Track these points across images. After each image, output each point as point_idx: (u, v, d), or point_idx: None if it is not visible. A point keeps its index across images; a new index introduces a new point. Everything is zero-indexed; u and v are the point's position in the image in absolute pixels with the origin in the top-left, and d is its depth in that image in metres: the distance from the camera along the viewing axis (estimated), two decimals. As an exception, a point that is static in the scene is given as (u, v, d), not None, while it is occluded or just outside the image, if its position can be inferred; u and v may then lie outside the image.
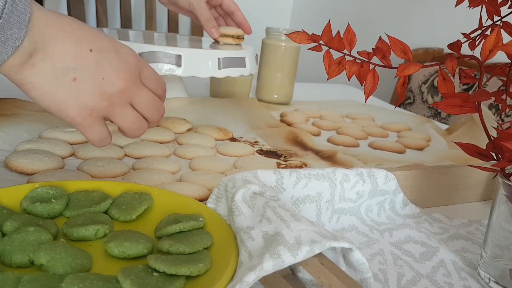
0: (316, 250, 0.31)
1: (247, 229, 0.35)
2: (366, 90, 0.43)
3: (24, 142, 0.56)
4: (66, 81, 0.39)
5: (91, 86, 0.41)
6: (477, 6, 0.45)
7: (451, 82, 0.42)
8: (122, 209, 0.40)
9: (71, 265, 0.32)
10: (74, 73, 0.40)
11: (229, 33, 0.86)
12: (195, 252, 0.35)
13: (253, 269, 0.30)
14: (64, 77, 0.39)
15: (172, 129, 0.71)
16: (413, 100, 1.66)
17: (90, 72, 0.41)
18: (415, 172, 0.52)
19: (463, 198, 0.58)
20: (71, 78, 0.40)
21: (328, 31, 0.43)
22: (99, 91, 0.41)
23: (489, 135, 0.40)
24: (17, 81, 0.39)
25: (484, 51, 0.39)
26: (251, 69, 0.82)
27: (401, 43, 0.42)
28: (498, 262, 0.40)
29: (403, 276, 0.40)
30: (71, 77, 0.40)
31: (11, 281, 0.29)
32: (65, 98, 0.40)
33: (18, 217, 0.36)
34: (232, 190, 0.38)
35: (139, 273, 0.31)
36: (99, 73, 0.41)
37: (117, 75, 0.42)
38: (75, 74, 0.40)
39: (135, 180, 0.50)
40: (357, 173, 0.47)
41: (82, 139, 0.61)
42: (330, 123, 0.88)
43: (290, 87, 1.00)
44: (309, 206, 0.44)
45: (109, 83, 0.42)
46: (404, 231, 0.48)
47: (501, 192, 0.39)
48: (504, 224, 0.39)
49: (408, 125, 0.94)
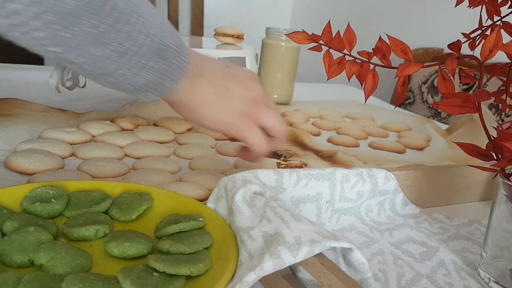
0: (316, 250, 0.31)
1: (247, 229, 0.35)
2: (366, 90, 0.43)
3: (24, 142, 0.56)
4: (221, 91, 0.46)
5: (238, 91, 0.48)
6: (477, 6, 0.45)
7: (451, 82, 0.42)
8: (122, 209, 0.40)
9: (71, 265, 0.32)
10: (225, 84, 0.47)
11: (229, 32, 0.86)
12: (195, 252, 0.35)
13: (253, 269, 0.30)
14: (219, 88, 0.46)
15: (172, 129, 0.71)
16: (413, 100, 1.66)
17: (234, 81, 0.48)
18: (415, 172, 0.52)
19: (463, 198, 0.58)
20: (224, 87, 0.47)
21: (328, 31, 0.43)
22: (245, 96, 0.48)
23: (489, 135, 0.40)
24: (186, 101, 0.45)
25: (484, 51, 0.39)
26: (251, 69, 0.82)
27: (401, 43, 0.42)
28: (498, 262, 0.40)
29: (403, 276, 0.40)
30: (224, 87, 0.47)
31: (11, 281, 0.29)
32: (223, 107, 0.46)
33: (18, 217, 0.36)
34: (232, 190, 0.38)
35: (139, 273, 0.31)
36: (239, 81, 0.48)
37: (251, 82, 0.49)
38: (225, 84, 0.47)
39: (135, 180, 0.50)
40: (357, 173, 0.47)
41: (82, 139, 0.61)
42: (330, 123, 0.88)
43: (290, 87, 1.00)
44: (309, 206, 0.44)
45: (249, 89, 0.48)
46: (404, 231, 0.48)
47: (501, 192, 0.39)
48: (504, 224, 0.39)
49: (408, 125, 0.94)
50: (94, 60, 0.36)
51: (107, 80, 0.39)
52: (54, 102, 0.74)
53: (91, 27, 0.34)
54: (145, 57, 0.38)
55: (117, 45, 0.36)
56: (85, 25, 0.33)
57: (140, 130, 0.67)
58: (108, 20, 0.34)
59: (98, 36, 0.34)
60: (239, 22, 1.64)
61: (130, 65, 0.38)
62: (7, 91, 0.75)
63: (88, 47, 0.35)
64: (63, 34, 0.33)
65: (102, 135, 0.63)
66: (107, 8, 0.34)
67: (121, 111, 0.75)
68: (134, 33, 0.37)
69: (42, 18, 0.32)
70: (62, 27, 0.33)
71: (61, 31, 0.33)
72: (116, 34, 0.35)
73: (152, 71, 0.40)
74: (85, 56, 0.36)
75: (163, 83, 0.42)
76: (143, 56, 0.38)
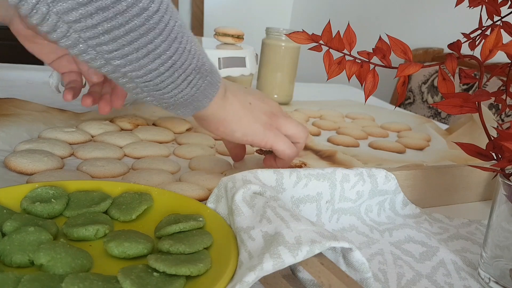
0: (316, 250, 0.31)
1: (247, 229, 0.35)
2: (366, 90, 0.43)
3: (23, 142, 0.56)
4: (246, 106, 0.51)
5: (259, 105, 0.53)
6: (477, 6, 0.45)
7: (451, 82, 0.42)
8: (122, 209, 0.40)
9: (71, 265, 0.32)
10: (247, 99, 0.52)
11: (229, 32, 0.86)
12: (195, 252, 0.35)
13: (253, 269, 0.30)
14: (244, 103, 0.51)
15: (171, 129, 0.71)
16: (413, 100, 1.66)
17: (253, 97, 0.53)
18: (415, 172, 0.52)
19: (463, 198, 0.58)
20: (248, 102, 0.51)
21: (328, 31, 0.43)
22: (265, 109, 0.53)
23: (489, 135, 0.40)
24: (218, 116, 0.49)
25: (484, 51, 0.39)
26: (251, 69, 0.82)
27: (401, 43, 0.42)
28: (498, 262, 0.40)
29: (403, 276, 0.40)
30: (247, 102, 0.51)
31: (11, 281, 0.29)
32: (250, 120, 0.51)
33: (18, 217, 0.36)
34: (232, 190, 0.38)
35: (139, 273, 0.31)
36: (257, 97, 0.53)
37: (266, 97, 0.55)
38: (248, 100, 0.52)
39: (134, 180, 0.50)
40: (357, 173, 0.47)
41: (81, 139, 0.61)
42: (330, 123, 0.88)
43: (290, 87, 1.00)
44: (309, 206, 0.44)
45: (266, 103, 0.54)
46: (404, 231, 0.48)
47: (501, 192, 0.39)
48: (504, 224, 0.39)
49: (408, 125, 0.94)
50: (144, 71, 0.39)
51: (150, 93, 0.42)
52: (54, 102, 0.74)
53: (147, 42, 0.38)
54: (187, 73, 0.42)
55: (166, 59, 0.39)
56: (144, 41, 0.38)
57: (140, 130, 0.67)
58: (161, 36, 0.38)
59: (152, 49, 0.38)
60: (239, 22, 1.64)
61: (173, 78, 0.41)
62: (7, 91, 0.75)
63: (141, 59, 0.38)
64: (126, 48, 0.37)
65: (102, 135, 0.63)
66: (161, 26, 0.38)
67: (120, 111, 0.75)
68: (180, 49, 0.40)
69: (112, 34, 0.36)
70: (126, 42, 0.37)
71: (125, 45, 0.37)
72: (166, 49, 0.39)
73: (192, 86, 0.43)
74: (136, 68, 0.39)
75: (200, 99, 0.45)
76: (186, 71, 0.42)
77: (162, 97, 0.43)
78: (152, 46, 0.38)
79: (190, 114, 0.47)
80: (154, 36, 0.38)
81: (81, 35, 0.36)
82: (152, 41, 0.38)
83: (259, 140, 0.51)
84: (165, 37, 0.39)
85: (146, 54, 0.38)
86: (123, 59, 0.38)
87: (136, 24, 0.36)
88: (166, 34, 0.39)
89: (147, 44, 0.38)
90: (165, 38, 0.39)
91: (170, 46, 0.39)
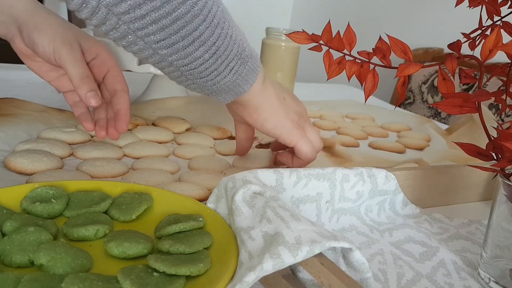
0: (316, 250, 0.31)
1: (247, 229, 0.35)
2: (366, 90, 0.43)
3: (23, 142, 0.56)
4: (281, 99, 0.51)
5: (291, 103, 0.53)
6: (477, 6, 0.45)
7: (451, 82, 0.41)
8: (122, 209, 0.40)
9: (71, 265, 0.32)
10: (282, 94, 0.52)
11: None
12: (195, 252, 0.35)
13: (253, 269, 0.30)
14: (279, 96, 0.51)
15: (170, 129, 0.71)
16: (413, 100, 1.66)
17: (287, 94, 0.53)
18: (415, 172, 0.52)
19: (463, 198, 0.58)
20: (282, 97, 0.52)
21: (328, 31, 0.43)
22: (296, 108, 0.53)
23: (489, 135, 0.40)
24: (255, 103, 0.49)
25: (484, 51, 0.39)
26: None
27: (401, 43, 0.42)
28: (498, 262, 0.40)
29: (403, 276, 0.40)
30: (282, 96, 0.52)
31: (11, 281, 0.29)
32: (282, 113, 0.51)
33: (18, 217, 0.36)
34: (232, 190, 0.38)
35: (139, 273, 0.31)
36: (291, 97, 0.54)
37: (298, 101, 0.56)
38: (283, 94, 0.52)
39: (134, 180, 0.50)
40: (357, 173, 0.47)
41: (80, 139, 0.61)
42: (330, 123, 0.88)
43: (290, 87, 1.00)
44: (309, 206, 0.44)
45: (297, 103, 0.55)
46: (404, 231, 0.48)
47: (501, 192, 0.39)
48: (504, 224, 0.39)
49: (408, 125, 0.94)
50: (189, 58, 0.39)
51: (195, 80, 0.42)
52: (54, 102, 0.74)
53: (193, 29, 0.38)
54: (230, 59, 0.42)
55: (210, 46, 0.40)
56: (190, 28, 0.37)
57: (139, 130, 0.67)
58: (205, 22, 0.38)
59: (197, 37, 0.38)
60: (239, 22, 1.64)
61: (217, 65, 0.41)
62: (6, 91, 0.75)
63: (187, 47, 0.39)
64: (173, 37, 0.37)
65: (102, 135, 0.63)
66: (205, 12, 0.38)
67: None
68: (223, 35, 0.40)
69: (159, 23, 0.36)
70: (173, 30, 0.37)
71: (172, 34, 0.37)
72: (209, 35, 0.39)
73: (234, 73, 0.43)
74: (182, 56, 0.39)
75: (241, 84, 0.45)
76: (228, 57, 0.42)
77: (205, 84, 0.43)
78: (197, 33, 0.38)
79: (231, 99, 0.47)
80: (198, 23, 0.37)
81: (130, 26, 0.35)
82: (197, 28, 0.37)
83: (286, 135, 0.51)
84: (209, 23, 0.38)
85: (191, 41, 0.38)
86: (170, 48, 0.38)
87: (182, 12, 0.36)
88: (209, 20, 0.38)
89: (192, 32, 0.37)
90: (208, 24, 0.38)
91: (213, 32, 0.39)
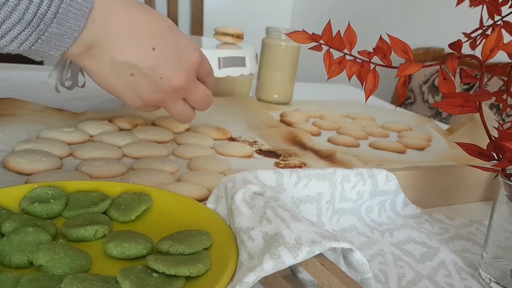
0: (317, 250, 0.31)
1: (247, 230, 0.35)
2: (366, 90, 0.43)
3: (22, 142, 0.56)
4: (124, 75, 0.41)
5: (148, 83, 0.42)
6: (478, 6, 0.45)
7: (452, 82, 0.41)
8: (121, 209, 0.40)
9: (70, 265, 0.32)
10: (133, 70, 0.41)
11: (229, 32, 0.85)
12: (194, 252, 0.35)
13: (253, 269, 0.30)
14: (122, 72, 0.41)
15: (170, 129, 0.70)
16: (414, 100, 1.66)
17: (149, 70, 0.42)
18: (415, 172, 0.52)
19: (464, 198, 0.58)
20: (129, 73, 0.41)
21: (328, 31, 0.43)
22: (155, 88, 0.43)
23: (490, 135, 0.40)
24: (81, 66, 0.40)
25: (485, 51, 0.39)
26: (251, 68, 0.82)
27: (401, 43, 0.42)
28: (499, 263, 0.39)
29: (404, 276, 0.40)
30: (129, 72, 0.41)
31: (10, 281, 0.29)
32: (122, 89, 0.42)
33: (17, 218, 0.36)
34: (232, 190, 0.38)
35: (139, 274, 0.31)
36: (157, 72, 0.42)
37: (176, 75, 0.44)
38: (133, 70, 0.41)
39: (133, 180, 0.50)
40: (358, 173, 0.47)
41: (80, 139, 0.61)
42: (330, 123, 0.88)
43: (290, 87, 1.00)
44: (309, 206, 0.44)
45: (166, 82, 0.43)
46: (404, 231, 0.47)
47: (502, 192, 0.39)
48: (505, 225, 0.39)
49: (408, 125, 0.94)
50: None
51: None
52: (53, 102, 0.74)
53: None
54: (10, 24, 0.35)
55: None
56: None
57: (138, 130, 0.67)
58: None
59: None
60: (239, 22, 1.64)
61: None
62: (6, 91, 0.75)
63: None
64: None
65: (100, 135, 0.63)
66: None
67: (119, 111, 0.74)
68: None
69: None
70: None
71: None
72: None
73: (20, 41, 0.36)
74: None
75: (44, 51, 0.38)
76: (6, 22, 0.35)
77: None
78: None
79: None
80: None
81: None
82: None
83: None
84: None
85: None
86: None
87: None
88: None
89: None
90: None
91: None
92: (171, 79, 0.44)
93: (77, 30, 0.37)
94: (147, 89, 0.43)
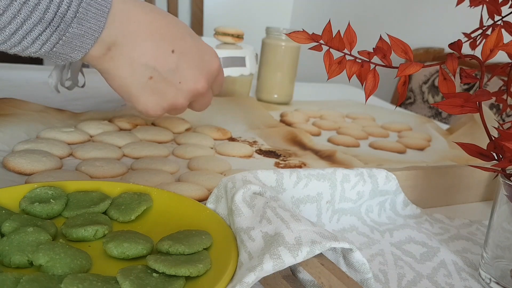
0: (317, 250, 0.31)
1: (247, 230, 0.35)
2: (366, 90, 0.43)
3: (22, 142, 0.56)
4: (142, 77, 0.40)
5: (166, 87, 0.41)
6: (478, 6, 0.45)
7: (452, 82, 0.41)
8: (121, 209, 0.40)
9: (70, 265, 0.32)
10: (152, 72, 0.40)
11: (229, 32, 0.85)
12: (194, 252, 0.35)
13: (253, 269, 0.30)
14: (141, 74, 0.40)
15: (170, 129, 0.70)
16: (414, 100, 1.66)
17: (168, 73, 0.41)
18: (415, 172, 0.52)
19: (464, 199, 0.58)
20: (148, 76, 0.40)
21: (328, 31, 0.43)
22: (173, 93, 0.42)
23: (490, 135, 0.40)
24: (98, 70, 0.40)
25: (485, 51, 0.39)
26: (251, 68, 0.82)
27: (401, 43, 0.42)
28: (499, 263, 0.39)
29: (404, 276, 0.40)
30: (148, 75, 0.40)
31: (10, 281, 0.29)
32: (137, 93, 0.41)
33: (17, 218, 0.36)
34: (232, 190, 0.38)
35: (139, 274, 0.31)
36: (176, 76, 0.42)
37: (194, 81, 0.43)
38: (152, 73, 0.40)
39: (134, 181, 0.50)
40: (358, 173, 0.47)
41: (80, 139, 0.61)
42: (330, 123, 0.88)
43: (290, 87, 1.00)
44: (309, 207, 0.44)
45: (184, 87, 0.42)
46: (404, 231, 0.47)
47: (502, 192, 0.39)
48: (505, 225, 0.39)
49: (408, 125, 0.94)
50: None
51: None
52: (53, 102, 0.74)
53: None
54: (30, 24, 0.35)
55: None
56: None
57: (138, 130, 0.67)
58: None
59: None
60: (239, 22, 1.64)
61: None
62: (6, 91, 0.75)
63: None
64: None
65: (100, 135, 0.63)
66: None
67: (119, 111, 0.74)
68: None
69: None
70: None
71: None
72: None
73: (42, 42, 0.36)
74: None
75: (66, 53, 0.38)
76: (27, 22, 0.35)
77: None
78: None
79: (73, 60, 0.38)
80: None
81: None
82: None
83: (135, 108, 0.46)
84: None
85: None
86: None
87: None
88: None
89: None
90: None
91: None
92: (190, 84, 0.43)
93: (98, 30, 0.36)
94: (164, 93, 0.42)
